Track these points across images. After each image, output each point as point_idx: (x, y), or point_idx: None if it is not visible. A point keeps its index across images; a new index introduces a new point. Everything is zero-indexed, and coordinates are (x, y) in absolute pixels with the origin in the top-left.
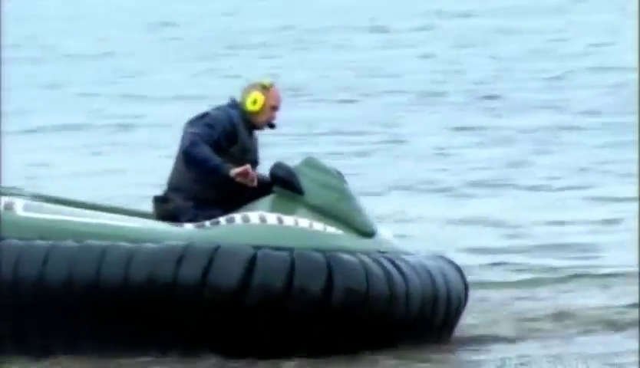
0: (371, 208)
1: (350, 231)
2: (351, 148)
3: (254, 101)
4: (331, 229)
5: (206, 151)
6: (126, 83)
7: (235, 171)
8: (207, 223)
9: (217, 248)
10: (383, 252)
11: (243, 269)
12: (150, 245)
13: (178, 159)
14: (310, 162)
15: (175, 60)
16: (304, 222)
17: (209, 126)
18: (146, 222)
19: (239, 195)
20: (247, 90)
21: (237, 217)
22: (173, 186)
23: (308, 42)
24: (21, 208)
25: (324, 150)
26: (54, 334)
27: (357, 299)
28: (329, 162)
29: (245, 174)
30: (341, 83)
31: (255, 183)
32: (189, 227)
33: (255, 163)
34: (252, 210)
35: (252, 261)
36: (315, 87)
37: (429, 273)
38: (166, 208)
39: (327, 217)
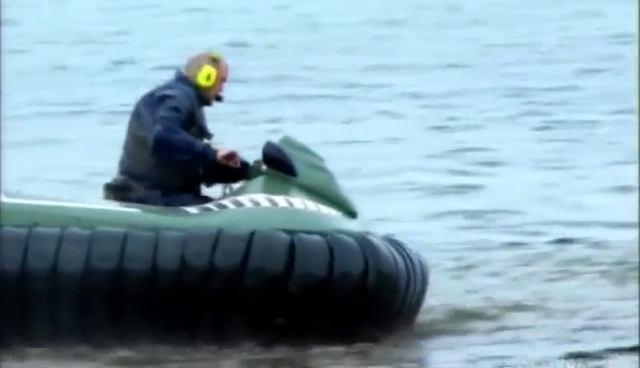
0: None
1: (343, 213)
2: (612, 118)
3: (208, 76)
4: (334, 211)
5: (186, 136)
6: (381, 52)
7: (221, 154)
8: (214, 207)
9: (253, 234)
10: (370, 234)
11: (285, 255)
12: (174, 232)
13: (132, 144)
14: (289, 142)
15: (425, 28)
16: (311, 204)
17: (177, 109)
18: (144, 208)
19: (202, 180)
20: (196, 64)
21: (245, 200)
22: (131, 174)
23: (562, 11)
24: (2, 195)
25: (586, 118)
26: (67, 325)
27: (388, 284)
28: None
29: (232, 156)
30: (596, 52)
31: (239, 165)
32: (195, 211)
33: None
34: (253, 192)
35: (292, 246)
36: (570, 55)
37: (419, 259)
38: (126, 197)
39: (321, 198)
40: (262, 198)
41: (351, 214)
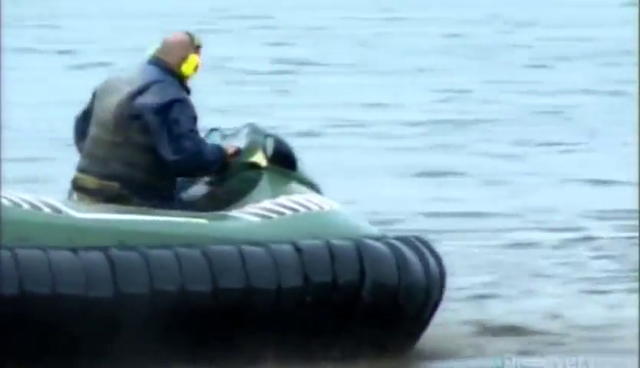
0: None
1: None
2: None
3: (195, 67)
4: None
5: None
6: None
7: (230, 152)
8: (269, 214)
9: (360, 244)
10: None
11: (396, 267)
12: (284, 246)
13: (128, 149)
14: (256, 129)
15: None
16: (334, 204)
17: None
18: (216, 217)
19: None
20: (180, 52)
21: (296, 206)
22: (126, 181)
23: None
24: (72, 211)
25: None
26: (194, 348)
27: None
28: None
29: (237, 153)
30: None
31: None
32: (254, 219)
33: None
34: (285, 194)
35: (397, 256)
36: None
37: None
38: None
39: (311, 189)
40: (301, 199)
41: None
